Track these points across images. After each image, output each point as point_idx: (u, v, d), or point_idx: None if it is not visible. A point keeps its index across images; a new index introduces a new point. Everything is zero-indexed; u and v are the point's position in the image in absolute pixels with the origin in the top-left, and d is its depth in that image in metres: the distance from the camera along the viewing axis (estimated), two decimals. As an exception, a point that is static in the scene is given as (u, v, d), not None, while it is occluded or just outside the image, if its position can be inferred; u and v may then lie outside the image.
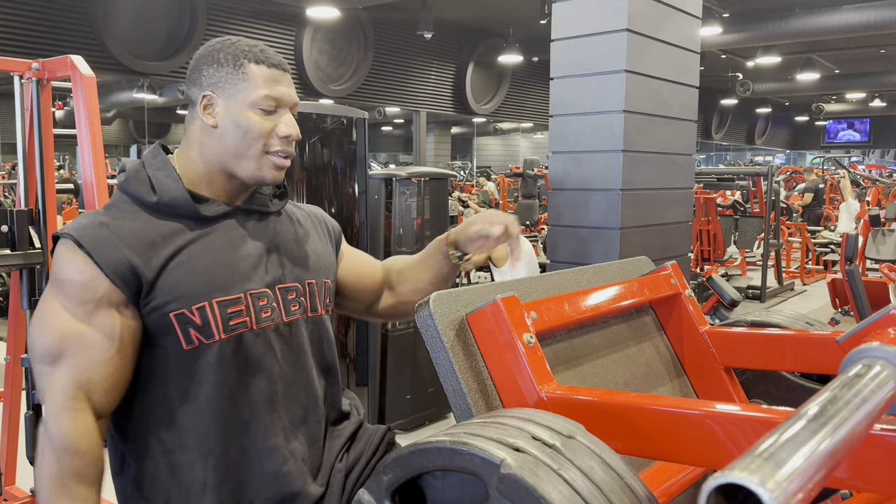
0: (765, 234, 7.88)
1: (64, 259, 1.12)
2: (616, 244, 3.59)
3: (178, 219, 1.19)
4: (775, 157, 29.64)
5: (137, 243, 1.14)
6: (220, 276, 1.19)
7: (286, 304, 1.26)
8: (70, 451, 1.09)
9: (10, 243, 2.59)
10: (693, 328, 1.39)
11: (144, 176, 1.21)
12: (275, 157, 1.21)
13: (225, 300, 1.17)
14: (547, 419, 0.84)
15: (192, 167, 1.24)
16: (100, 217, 1.16)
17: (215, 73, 1.20)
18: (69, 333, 1.11)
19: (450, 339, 1.03)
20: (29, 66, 2.65)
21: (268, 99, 1.19)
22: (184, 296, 1.14)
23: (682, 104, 4.04)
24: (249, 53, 1.20)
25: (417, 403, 4.03)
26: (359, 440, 1.36)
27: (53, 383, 1.11)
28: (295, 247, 1.31)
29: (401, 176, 3.97)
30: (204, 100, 1.21)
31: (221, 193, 1.25)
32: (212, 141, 1.21)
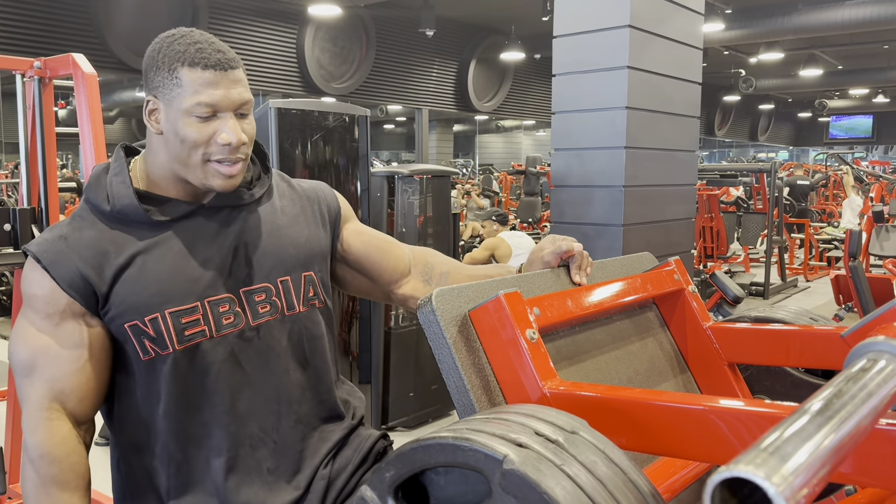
0: (768, 230, 7.86)
1: (26, 275, 1.14)
2: (619, 241, 3.58)
3: (132, 226, 1.16)
4: (778, 153, 29.58)
5: (90, 254, 1.13)
6: (174, 285, 1.15)
7: (252, 306, 1.21)
8: (48, 459, 1.11)
9: (13, 242, 2.59)
10: (696, 324, 1.39)
11: (104, 182, 1.19)
12: (219, 165, 1.14)
13: (178, 310, 1.14)
14: (550, 415, 0.83)
15: (153, 169, 1.20)
16: (62, 229, 1.17)
17: (155, 77, 1.14)
18: (38, 347, 1.13)
19: (452, 336, 1.03)
20: (31, 65, 2.65)
21: (200, 106, 1.11)
22: (135, 307, 1.13)
23: (685, 100, 4.03)
24: (184, 55, 1.12)
25: (420, 401, 4.03)
26: (348, 446, 1.29)
27: (29, 396, 1.13)
28: (268, 241, 1.24)
29: (403, 173, 3.97)
30: (149, 104, 1.17)
31: (185, 194, 1.20)
32: (160, 147, 1.17)
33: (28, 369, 1.12)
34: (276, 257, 1.24)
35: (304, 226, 1.30)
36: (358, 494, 0.85)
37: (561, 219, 3.87)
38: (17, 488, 3.01)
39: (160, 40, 1.16)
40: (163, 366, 1.15)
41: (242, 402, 1.19)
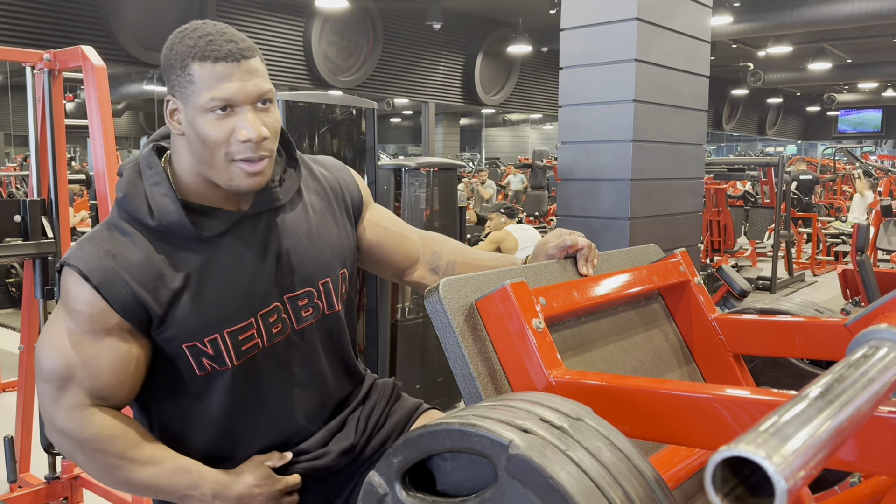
0: (775, 224, 7.84)
1: (72, 291, 1.09)
2: (626, 234, 3.58)
3: (180, 241, 1.12)
4: (786, 147, 29.45)
5: (144, 277, 1.09)
6: (231, 305, 1.14)
7: (296, 311, 1.22)
8: (110, 441, 1.12)
9: (23, 233, 2.62)
10: (702, 315, 1.39)
11: (141, 191, 1.12)
12: (242, 164, 1.08)
13: (236, 329, 1.15)
14: (555, 402, 0.84)
15: (181, 177, 1.15)
16: (105, 243, 1.11)
17: (170, 76, 1.09)
18: (77, 357, 1.09)
19: (459, 325, 1.04)
20: (40, 57, 2.67)
21: (214, 101, 1.05)
22: (195, 330, 1.12)
23: (693, 94, 4.02)
24: (195, 49, 1.06)
25: (427, 393, 4.05)
26: (373, 392, 1.39)
27: (63, 402, 1.11)
28: (307, 245, 1.23)
29: (410, 166, 3.98)
30: (168, 104, 1.11)
31: (221, 200, 1.15)
32: (185, 150, 1.12)
33: (63, 380, 1.10)
34: (316, 261, 1.24)
35: (333, 223, 1.29)
36: (366, 480, 0.87)
37: (568, 212, 3.87)
38: (28, 478, 3.05)
39: (174, 36, 1.11)
40: (219, 379, 1.17)
41: (291, 401, 1.24)
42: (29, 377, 3.07)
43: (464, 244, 1.49)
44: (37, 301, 2.78)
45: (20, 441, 3.07)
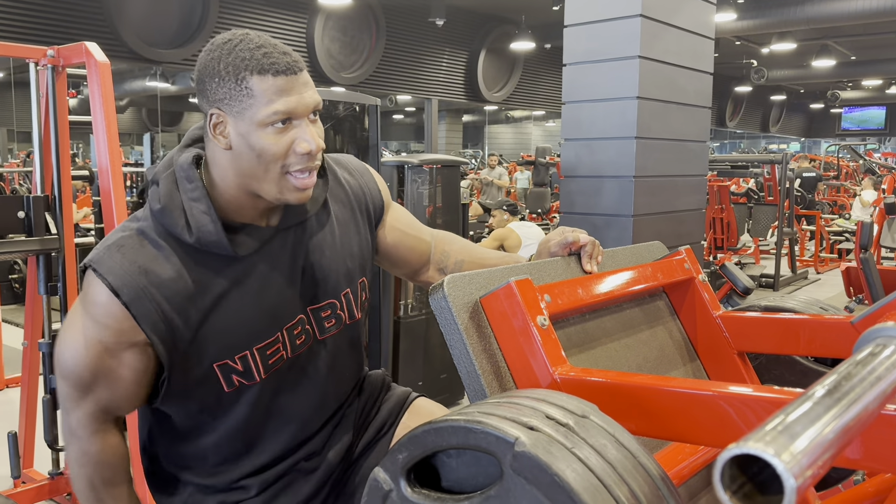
0: (779, 222, 7.83)
1: (100, 303, 1.07)
2: (629, 231, 3.58)
3: (213, 258, 1.11)
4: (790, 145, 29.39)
5: (175, 297, 1.08)
6: (259, 322, 1.15)
7: (319, 322, 1.23)
8: (102, 466, 1.17)
9: (27, 229, 2.62)
10: (706, 313, 1.39)
11: (179, 204, 1.09)
12: (295, 177, 1.08)
13: (264, 345, 1.16)
14: (560, 399, 0.84)
15: (219, 191, 1.12)
16: (136, 255, 1.08)
17: (218, 89, 1.06)
18: (101, 368, 1.10)
19: (464, 322, 1.04)
20: (44, 53, 2.67)
21: (277, 115, 1.04)
22: (226, 348, 1.13)
23: (697, 90, 4.01)
24: (251, 62, 1.04)
25: (429, 390, 4.05)
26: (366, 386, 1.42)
27: (82, 407, 1.14)
28: (330, 257, 1.23)
29: (413, 163, 3.97)
30: (212, 118, 1.08)
31: (254, 215, 1.14)
32: (229, 164, 1.09)
33: (86, 387, 1.12)
34: (338, 273, 1.25)
35: (355, 232, 1.29)
36: (371, 476, 0.87)
37: (571, 209, 3.86)
38: (32, 473, 3.05)
39: (217, 48, 1.07)
40: (246, 393, 1.18)
41: (307, 406, 1.26)
42: (32, 373, 3.07)
43: (471, 243, 1.50)
44: (40, 297, 2.78)
45: (23, 437, 3.07)
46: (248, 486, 1.24)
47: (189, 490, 1.25)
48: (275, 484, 1.25)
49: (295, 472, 1.27)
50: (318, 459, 1.29)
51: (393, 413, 1.42)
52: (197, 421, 1.20)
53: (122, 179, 2.62)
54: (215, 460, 1.23)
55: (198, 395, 1.15)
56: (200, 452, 1.22)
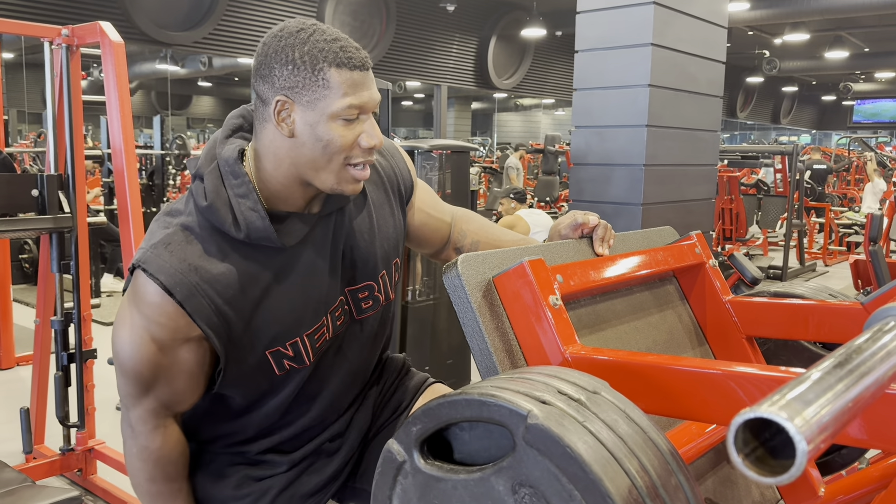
0: (788, 213, 7.81)
1: (153, 303, 1.08)
2: (638, 220, 3.58)
3: (261, 250, 1.12)
4: (800, 137, 29.22)
5: (227, 291, 1.09)
6: (307, 309, 1.17)
7: (357, 303, 1.26)
8: (163, 461, 1.19)
9: (40, 207, 2.64)
10: (716, 297, 1.40)
11: (226, 200, 1.09)
12: (355, 169, 1.10)
13: (312, 331, 1.19)
14: (572, 376, 0.86)
15: (267, 181, 1.12)
16: (185, 254, 1.08)
17: (290, 76, 1.05)
18: (159, 365, 1.11)
19: (477, 301, 1.05)
20: (59, 33, 2.68)
21: (351, 109, 1.06)
22: (277, 335, 1.15)
23: (709, 79, 4.00)
24: (329, 54, 1.05)
25: (436, 375, 4.04)
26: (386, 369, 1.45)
27: (143, 404, 1.15)
28: (368, 240, 1.25)
29: (423, 148, 3.98)
30: (278, 105, 1.07)
31: (300, 203, 1.15)
32: (287, 151, 1.09)
33: (146, 384, 1.12)
34: (376, 256, 1.27)
35: (389, 215, 1.31)
36: (385, 447, 0.88)
37: (580, 197, 3.87)
38: (42, 449, 3.10)
39: (290, 35, 1.07)
40: (295, 376, 1.20)
41: (341, 384, 1.29)
42: (44, 351, 3.11)
43: (489, 222, 1.51)
44: (53, 275, 2.81)
45: (35, 413, 3.11)
46: (276, 462, 1.27)
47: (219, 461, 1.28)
48: (301, 463, 1.28)
49: (320, 453, 1.30)
50: (340, 441, 1.32)
51: (409, 395, 1.44)
52: (244, 402, 1.22)
53: (135, 159, 2.64)
54: (250, 433, 1.25)
55: (251, 381, 1.18)
56: (237, 427, 1.25)
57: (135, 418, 1.16)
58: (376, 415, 1.40)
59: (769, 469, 0.51)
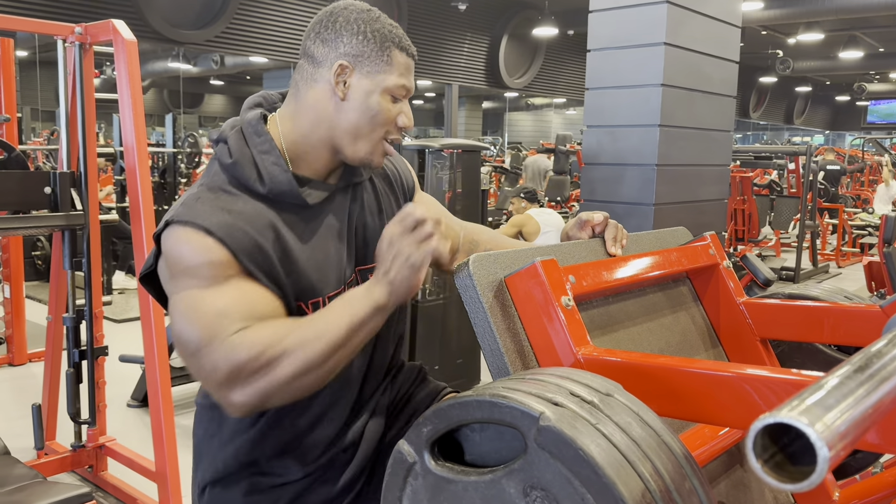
0: (801, 214, 7.75)
1: (190, 245, 1.06)
2: (650, 220, 3.56)
3: (284, 206, 1.15)
4: (813, 137, 29.01)
5: (261, 227, 1.10)
6: (330, 271, 1.19)
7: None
8: (280, 346, 1.03)
9: (53, 205, 2.65)
10: (730, 299, 1.39)
11: (249, 158, 1.14)
12: (388, 145, 1.20)
13: (333, 295, 1.19)
14: (585, 377, 0.85)
15: (296, 139, 1.18)
16: (216, 202, 1.10)
17: (359, 46, 1.14)
18: (216, 308, 1.04)
19: (488, 300, 1.04)
20: (72, 31, 2.69)
21: (403, 89, 1.18)
22: (304, 289, 1.15)
23: (722, 79, 3.97)
24: (395, 38, 1.17)
25: (446, 374, 4.07)
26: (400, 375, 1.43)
27: (215, 356, 1.03)
28: (378, 222, 1.28)
29: (433, 147, 3.97)
30: (338, 68, 1.14)
31: (321, 170, 1.20)
32: (332, 113, 1.16)
33: (208, 337, 1.04)
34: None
35: (394, 204, 1.36)
36: (396, 448, 0.88)
37: (591, 197, 3.85)
38: (54, 445, 3.11)
39: (359, 12, 1.16)
40: None
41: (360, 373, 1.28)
42: (56, 347, 3.12)
43: (500, 234, 1.53)
44: (65, 272, 2.82)
45: (46, 409, 3.13)
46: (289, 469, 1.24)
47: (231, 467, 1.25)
48: (313, 473, 1.26)
49: (333, 462, 1.27)
50: (353, 451, 1.29)
51: (424, 405, 1.41)
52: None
53: (147, 157, 2.64)
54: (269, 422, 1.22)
55: None
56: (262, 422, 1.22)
57: (223, 351, 1.04)
58: (389, 424, 1.37)
59: (789, 476, 0.50)
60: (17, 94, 7.98)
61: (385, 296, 1.06)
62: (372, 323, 1.07)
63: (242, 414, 1.06)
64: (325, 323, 1.06)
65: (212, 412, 1.27)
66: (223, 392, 1.04)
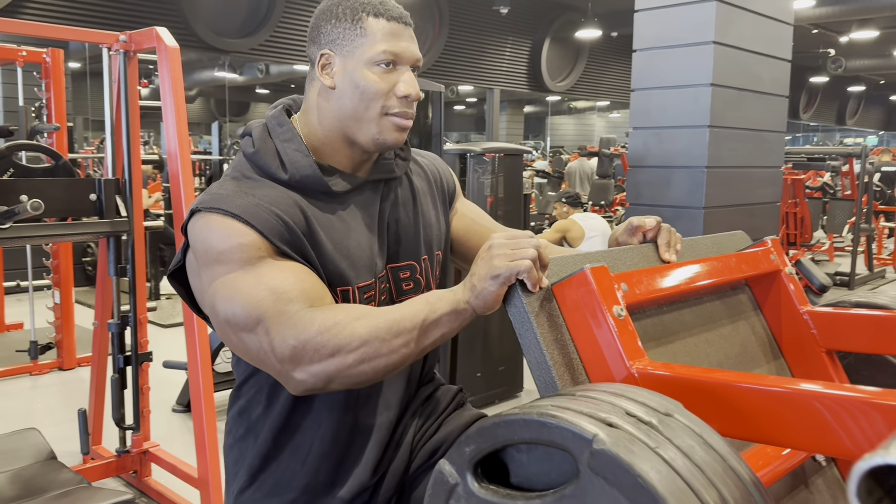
0: (856, 218, 7.48)
1: (219, 229, 1.03)
2: (700, 224, 3.46)
3: (309, 194, 1.13)
4: (866, 138, 28.14)
5: (288, 209, 1.08)
6: (360, 261, 1.15)
7: (398, 283, 1.23)
8: (339, 327, 0.98)
9: (98, 212, 2.67)
10: (793, 308, 1.30)
11: (272, 148, 1.14)
12: (395, 118, 1.13)
13: (364, 286, 1.15)
14: (641, 395, 0.78)
15: (314, 134, 1.17)
16: (240, 187, 1.09)
17: (333, 30, 1.13)
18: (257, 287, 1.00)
19: (534, 310, 0.98)
20: (117, 39, 2.72)
21: (385, 54, 1.11)
22: (332, 274, 1.12)
23: (773, 78, 3.85)
24: (368, 6, 1.12)
25: (488, 381, 4.01)
26: (434, 398, 1.36)
27: (274, 332, 0.99)
28: (412, 220, 1.25)
29: (475, 152, 3.92)
30: (322, 59, 1.14)
31: (346, 163, 1.18)
32: (329, 104, 1.14)
33: (269, 313, 0.99)
34: (418, 236, 1.26)
35: (432, 205, 1.32)
36: (437, 468, 0.82)
37: (638, 200, 3.76)
38: (100, 450, 3.14)
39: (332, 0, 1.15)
40: None
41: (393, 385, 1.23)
42: (102, 353, 3.15)
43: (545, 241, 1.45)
44: (110, 279, 2.85)
45: (93, 414, 3.16)
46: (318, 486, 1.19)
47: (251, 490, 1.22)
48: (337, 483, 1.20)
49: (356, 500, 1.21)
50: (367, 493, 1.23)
51: (453, 435, 1.31)
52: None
53: (190, 163, 2.65)
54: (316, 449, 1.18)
55: None
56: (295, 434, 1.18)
57: (280, 349, 1.00)
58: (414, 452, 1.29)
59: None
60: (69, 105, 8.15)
61: (465, 300, 0.99)
62: (447, 325, 1.00)
63: (302, 392, 1.03)
64: (401, 314, 1.00)
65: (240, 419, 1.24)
66: (286, 368, 1.00)
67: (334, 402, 1.20)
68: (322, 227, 1.13)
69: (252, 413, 1.23)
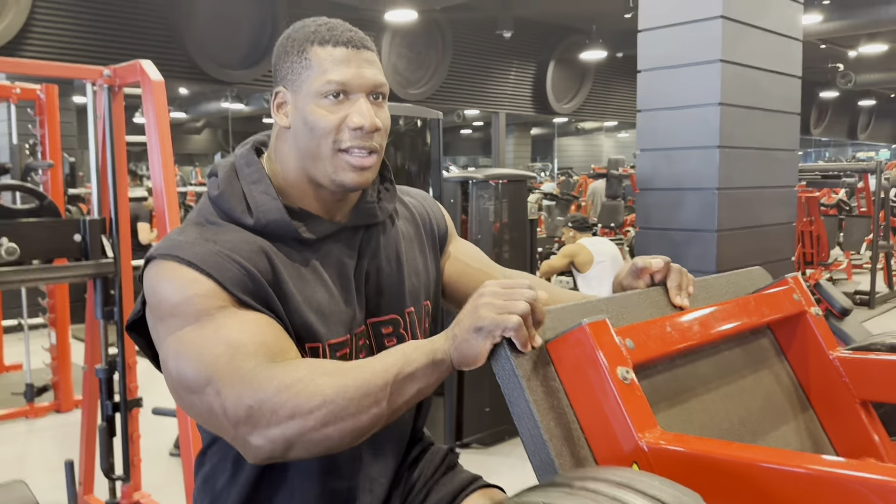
0: (874, 234, 7.30)
1: (174, 279, 0.94)
2: (712, 248, 3.31)
3: (278, 240, 1.03)
4: (879, 152, 27.88)
5: (250, 255, 0.98)
6: (332, 316, 1.04)
7: (378, 339, 1.12)
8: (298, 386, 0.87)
9: (83, 253, 2.57)
10: (821, 353, 1.16)
11: (238, 191, 1.04)
12: (349, 155, 1.01)
13: (335, 343, 1.04)
14: (652, 487, 0.65)
15: (280, 177, 1.07)
16: (200, 233, 1.00)
17: (283, 65, 1.05)
18: (211, 344, 0.91)
19: (526, 373, 0.85)
20: (101, 73, 2.63)
21: (331, 84, 1.00)
22: (299, 329, 1.00)
23: (784, 95, 3.72)
24: (315, 35, 1.02)
25: (497, 417, 3.85)
26: (422, 461, 1.24)
27: (225, 392, 0.88)
28: (396, 269, 1.14)
29: (477, 178, 3.80)
30: (276, 97, 1.06)
31: (317, 206, 1.07)
32: (286, 145, 1.05)
33: (221, 370, 0.89)
34: (402, 286, 1.14)
35: (420, 251, 1.20)
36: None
37: (647, 224, 3.62)
38: (91, 500, 3.00)
39: (290, 29, 1.07)
40: None
41: (366, 447, 1.11)
42: (92, 398, 3.03)
43: (550, 284, 1.33)
44: (98, 322, 2.74)
45: (83, 462, 3.04)
46: None
47: None
48: None
49: None
50: None
51: (444, 501, 1.21)
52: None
53: (176, 199, 2.54)
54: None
55: None
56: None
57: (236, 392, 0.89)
58: None
59: None
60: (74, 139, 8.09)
61: (444, 349, 0.88)
62: (424, 379, 0.88)
63: (262, 461, 0.90)
64: (372, 369, 0.88)
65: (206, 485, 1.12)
66: (241, 432, 0.89)
67: (311, 468, 1.07)
68: (290, 276, 1.02)
69: (216, 482, 1.10)
